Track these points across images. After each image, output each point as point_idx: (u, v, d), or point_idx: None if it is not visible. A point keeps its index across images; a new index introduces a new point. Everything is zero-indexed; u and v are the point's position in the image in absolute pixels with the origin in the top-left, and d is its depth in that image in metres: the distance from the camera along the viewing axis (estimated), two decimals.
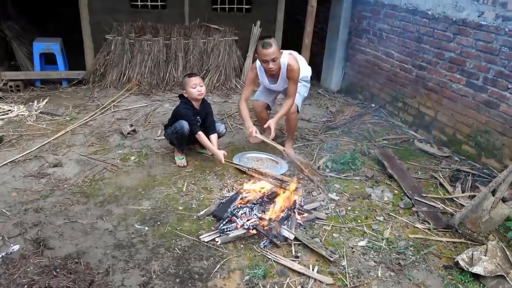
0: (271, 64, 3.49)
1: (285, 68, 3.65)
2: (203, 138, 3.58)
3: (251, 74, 3.81)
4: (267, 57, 3.46)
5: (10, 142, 3.89)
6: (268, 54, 3.44)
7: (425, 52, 4.59)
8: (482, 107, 3.95)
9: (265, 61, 3.50)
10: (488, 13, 3.80)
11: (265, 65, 3.54)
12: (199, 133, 3.57)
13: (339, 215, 3.12)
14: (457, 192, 3.52)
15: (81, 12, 5.39)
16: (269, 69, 3.54)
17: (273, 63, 3.49)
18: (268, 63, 3.49)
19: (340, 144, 4.38)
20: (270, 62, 3.48)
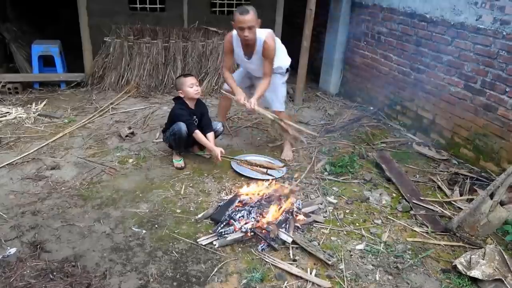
0: (246, 32, 3.35)
1: (261, 46, 3.52)
2: (200, 136, 3.59)
3: (227, 44, 3.69)
4: (243, 24, 3.32)
5: (7, 145, 3.88)
6: (244, 21, 3.31)
7: (423, 55, 4.59)
8: (480, 110, 3.96)
9: (241, 29, 3.35)
10: (486, 17, 3.81)
11: (241, 33, 3.39)
12: (196, 131, 3.58)
13: (337, 218, 3.12)
14: (455, 195, 3.52)
15: (80, 14, 5.39)
16: (244, 37, 3.40)
17: (249, 31, 3.35)
18: (244, 30, 3.34)
19: (338, 147, 4.38)
20: (246, 30, 3.34)
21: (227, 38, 3.66)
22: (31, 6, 6.96)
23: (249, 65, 3.78)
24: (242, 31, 3.37)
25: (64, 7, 6.74)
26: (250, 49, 3.59)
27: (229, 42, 3.65)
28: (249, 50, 3.61)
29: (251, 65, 3.74)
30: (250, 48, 3.59)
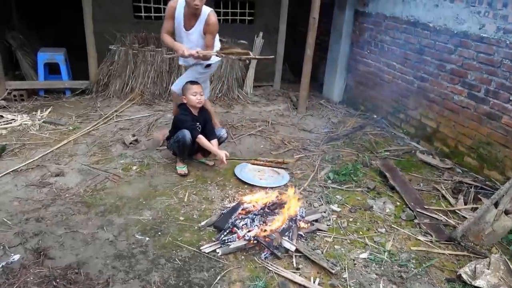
0: (198, 1, 3.46)
1: (204, 19, 3.64)
2: (203, 140, 3.61)
3: (170, 9, 3.70)
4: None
5: (13, 151, 3.91)
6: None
7: (426, 63, 4.60)
8: (484, 119, 3.95)
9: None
10: (489, 26, 3.82)
11: (192, 1, 3.46)
12: (199, 136, 3.60)
13: (341, 227, 3.11)
14: (460, 204, 3.50)
15: (85, 21, 5.44)
16: (194, 5, 3.49)
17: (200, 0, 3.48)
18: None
19: (341, 155, 4.38)
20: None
21: (171, 4, 3.67)
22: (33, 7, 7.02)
23: (187, 37, 3.76)
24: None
25: (64, 7, 6.77)
26: (193, 20, 3.66)
27: (173, 8, 3.67)
28: (191, 22, 3.67)
29: (189, 36, 3.74)
30: (193, 19, 3.65)
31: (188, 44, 3.71)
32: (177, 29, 3.77)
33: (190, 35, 3.74)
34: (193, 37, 3.74)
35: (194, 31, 3.71)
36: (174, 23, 3.72)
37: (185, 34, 3.75)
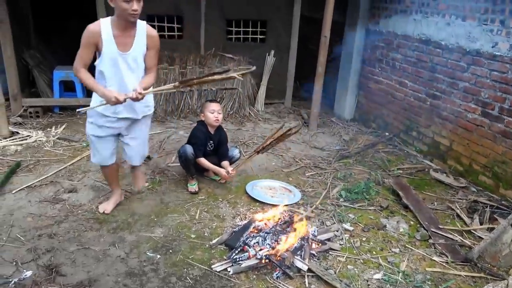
0: (135, 4, 2.62)
1: (144, 31, 2.81)
2: (203, 161, 3.66)
3: (90, 34, 2.70)
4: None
5: (27, 167, 3.96)
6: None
7: (438, 81, 4.59)
8: (498, 137, 3.90)
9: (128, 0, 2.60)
10: (502, 44, 3.81)
11: (127, 6, 2.61)
12: (200, 159, 3.64)
13: (354, 246, 3.06)
14: (475, 224, 3.43)
15: None
16: (132, 12, 2.63)
17: (138, 3, 2.64)
18: (133, 1, 2.61)
19: (354, 173, 4.34)
20: (135, 1, 2.62)
21: (92, 28, 2.69)
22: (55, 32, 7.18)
23: (124, 63, 2.80)
24: (129, 3, 2.60)
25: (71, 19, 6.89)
26: (130, 37, 2.77)
27: (95, 32, 2.69)
28: (127, 40, 2.77)
29: (128, 59, 2.79)
30: (129, 36, 2.76)
31: (128, 72, 2.82)
32: (105, 57, 2.76)
33: (129, 57, 2.79)
34: (134, 59, 2.82)
35: (135, 50, 2.79)
36: (93, 52, 2.76)
37: (122, 59, 2.77)
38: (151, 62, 2.91)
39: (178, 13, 5.80)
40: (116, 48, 2.72)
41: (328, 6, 5.10)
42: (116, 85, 2.81)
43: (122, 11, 2.61)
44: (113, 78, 2.82)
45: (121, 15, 2.63)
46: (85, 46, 2.70)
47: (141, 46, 2.81)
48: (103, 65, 2.77)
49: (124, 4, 2.57)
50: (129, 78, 2.83)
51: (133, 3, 2.57)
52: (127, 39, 2.75)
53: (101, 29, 2.67)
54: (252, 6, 6.01)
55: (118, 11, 2.63)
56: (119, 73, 2.80)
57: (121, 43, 2.73)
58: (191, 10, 5.82)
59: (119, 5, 2.58)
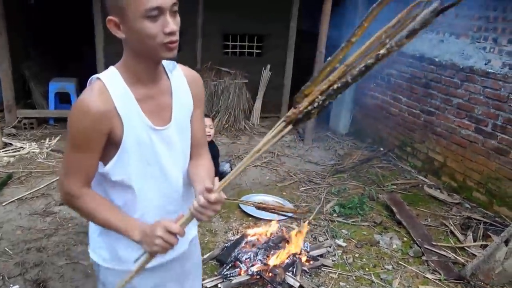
0: (171, 21, 1.15)
1: (183, 78, 1.38)
2: None
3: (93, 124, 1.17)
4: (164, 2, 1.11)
5: (19, 179, 3.93)
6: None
7: (433, 97, 4.61)
8: (492, 153, 3.91)
9: (155, 15, 1.11)
10: (494, 61, 3.84)
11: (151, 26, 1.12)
12: None
13: (346, 263, 3.03)
14: (469, 241, 3.41)
15: (97, 55, 5.59)
16: (169, 37, 1.15)
17: (174, 19, 1.17)
18: (165, 14, 1.13)
19: (348, 188, 4.33)
20: (168, 13, 1.14)
21: (95, 105, 1.17)
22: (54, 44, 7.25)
23: (163, 144, 1.32)
24: (156, 20, 1.12)
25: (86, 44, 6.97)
26: (161, 95, 1.31)
27: (105, 113, 1.18)
28: (160, 100, 1.31)
29: (168, 136, 1.33)
30: (160, 92, 1.31)
31: (170, 161, 1.34)
32: (129, 151, 1.26)
33: (171, 132, 1.33)
34: (180, 133, 1.37)
35: (178, 116, 1.34)
36: (101, 151, 1.24)
37: (160, 140, 1.30)
38: (200, 131, 1.47)
39: None
40: (147, 122, 1.25)
41: (323, 21, 5.15)
42: (156, 198, 1.35)
43: (145, 43, 1.14)
44: (146, 187, 1.32)
45: (145, 50, 1.17)
46: (85, 146, 1.20)
47: (186, 106, 1.36)
48: (125, 168, 1.26)
49: (148, 25, 1.11)
50: (175, 174, 1.36)
51: (166, 20, 1.13)
52: (160, 99, 1.29)
53: (113, 98, 1.19)
54: (248, 21, 6.06)
55: (136, 44, 1.17)
56: (157, 171, 1.32)
57: (153, 111, 1.27)
58: (188, 24, 5.87)
59: (139, 30, 1.12)
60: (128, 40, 1.16)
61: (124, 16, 1.11)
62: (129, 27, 1.12)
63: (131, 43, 1.17)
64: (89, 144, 1.18)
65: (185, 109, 1.35)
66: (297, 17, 6.20)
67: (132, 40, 1.15)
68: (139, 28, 1.10)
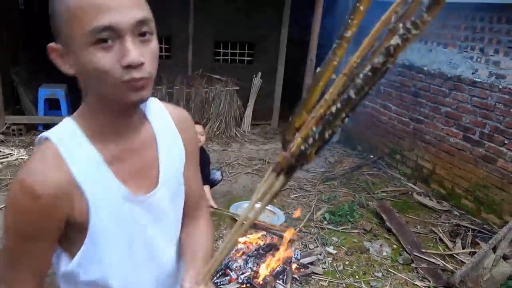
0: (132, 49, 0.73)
1: (169, 121, 0.98)
2: None
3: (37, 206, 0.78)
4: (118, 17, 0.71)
5: (6, 186, 3.88)
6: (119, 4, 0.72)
7: (422, 106, 4.67)
8: (480, 161, 3.96)
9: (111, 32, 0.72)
10: (482, 71, 3.91)
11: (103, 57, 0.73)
12: None
13: (337, 270, 3.04)
14: (457, 248, 3.45)
15: None
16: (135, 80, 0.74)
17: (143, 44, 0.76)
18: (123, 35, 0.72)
19: (338, 195, 4.35)
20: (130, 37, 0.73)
21: (32, 182, 0.77)
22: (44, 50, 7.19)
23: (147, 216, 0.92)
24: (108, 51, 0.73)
25: None
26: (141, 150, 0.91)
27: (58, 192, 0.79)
28: (141, 156, 0.91)
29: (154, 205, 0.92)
30: (140, 146, 0.90)
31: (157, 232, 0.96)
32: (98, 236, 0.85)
33: (157, 199, 0.92)
34: (168, 199, 0.96)
35: (168, 176, 0.95)
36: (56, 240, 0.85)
37: (142, 213, 0.91)
38: (198, 188, 1.13)
39: (166, 33, 5.85)
40: (124, 191, 0.87)
41: (314, 30, 5.21)
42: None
43: (98, 81, 0.76)
44: (131, 280, 0.95)
45: (104, 92, 0.78)
46: (33, 236, 0.82)
47: (178, 159, 1.00)
48: (99, 262, 0.88)
49: (97, 55, 0.73)
50: (167, 254, 1.02)
51: (124, 48, 0.73)
52: (141, 156, 0.91)
53: (71, 167, 0.81)
54: (240, 28, 6.10)
55: (90, 84, 0.81)
56: (144, 255, 0.95)
57: (132, 173, 0.90)
58: (180, 30, 5.88)
59: (85, 63, 0.75)
60: (79, 78, 0.82)
61: (68, 42, 0.75)
62: (75, 59, 0.76)
63: (85, 83, 0.82)
64: (39, 235, 0.81)
65: (176, 163, 0.97)
66: (288, 25, 6.25)
67: (83, 78, 0.81)
68: (86, 61, 0.73)
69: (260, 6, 6.06)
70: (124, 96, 0.77)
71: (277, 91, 6.50)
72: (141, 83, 0.76)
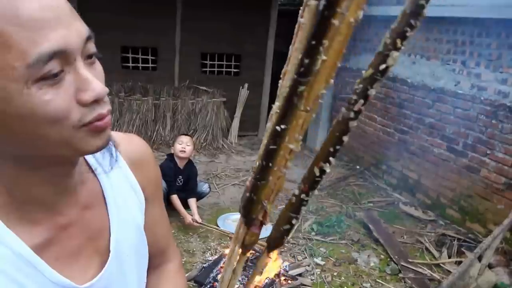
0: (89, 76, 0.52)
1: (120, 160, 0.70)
2: (176, 201, 3.53)
3: None
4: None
5: None
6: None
7: (406, 117, 4.75)
8: (463, 171, 4.03)
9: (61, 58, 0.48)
10: (463, 83, 4.01)
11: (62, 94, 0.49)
12: (173, 196, 3.52)
13: (325, 281, 3.03)
14: (444, 257, 3.48)
15: None
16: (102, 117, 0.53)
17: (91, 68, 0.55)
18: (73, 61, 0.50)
19: (325, 206, 4.36)
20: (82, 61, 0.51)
21: None
22: None
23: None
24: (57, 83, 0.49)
25: None
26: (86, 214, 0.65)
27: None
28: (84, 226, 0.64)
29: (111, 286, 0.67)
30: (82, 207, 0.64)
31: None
32: None
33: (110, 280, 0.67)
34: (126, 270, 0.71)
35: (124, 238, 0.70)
36: None
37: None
38: (165, 233, 0.90)
39: (153, 45, 5.85)
40: (62, 281, 0.59)
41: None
42: None
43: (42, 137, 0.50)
44: None
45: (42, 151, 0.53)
46: None
47: (135, 213, 0.73)
48: None
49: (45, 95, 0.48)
50: None
51: (81, 76, 0.51)
52: (84, 223, 0.65)
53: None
54: (226, 40, 6.13)
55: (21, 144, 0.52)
56: None
57: (72, 252, 0.63)
58: (166, 42, 5.88)
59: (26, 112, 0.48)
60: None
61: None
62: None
63: (9, 144, 0.52)
64: None
65: (134, 219, 0.73)
66: (274, 37, 6.32)
67: (8, 138, 0.51)
68: (25, 108, 0.48)
69: (246, 18, 6.12)
70: (83, 145, 0.53)
71: (263, 102, 6.53)
72: (107, 120, 0.54)
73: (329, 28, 0.38)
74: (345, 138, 0.45)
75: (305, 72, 0.40)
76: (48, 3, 0.47)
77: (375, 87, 0.42)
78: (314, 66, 0.40)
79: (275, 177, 0.51)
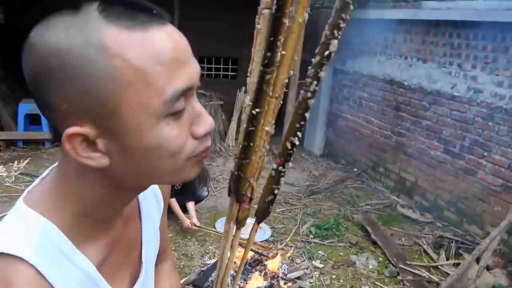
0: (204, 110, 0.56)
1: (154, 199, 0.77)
2: (173, 204, 3.53)
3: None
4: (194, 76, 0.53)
5: None
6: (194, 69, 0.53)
7: (403, 119, 4.77)
8: (461, 173, 4.05)
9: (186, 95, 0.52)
10: (460, 85, 4.03)
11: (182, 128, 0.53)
12: (172, 200, 3.51)
13: (324, 284, 3.03)
14: (442, 259, 3.49)
15: None
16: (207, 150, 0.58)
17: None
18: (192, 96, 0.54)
19: (323, 208, 4.37)
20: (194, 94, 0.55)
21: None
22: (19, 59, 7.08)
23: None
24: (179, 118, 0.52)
25: None
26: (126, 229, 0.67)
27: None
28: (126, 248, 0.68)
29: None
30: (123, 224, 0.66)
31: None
32: None
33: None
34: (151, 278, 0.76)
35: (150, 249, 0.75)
36: None
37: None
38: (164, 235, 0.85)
39: None
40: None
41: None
42: None
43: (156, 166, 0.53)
44: None
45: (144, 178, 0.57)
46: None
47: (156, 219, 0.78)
48: None
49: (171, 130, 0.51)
50: None
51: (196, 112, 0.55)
52: (125, 238, 0.67)
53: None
54: (223, 44, 6.14)
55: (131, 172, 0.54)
56: None
57: (118, 268, 0.67)
58: None
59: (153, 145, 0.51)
60: (113, 167, 0.53)
61: (113, 121, 0.49)
62: (121, 143, 0.51)
63: (119, 171, 0.54)
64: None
65: (155, 224, 0.77)
66: None
67: (125, 166, 0.53)
68: (150, 141, 0.50)
69: (243, 21, 6.13)
70: (187, 173, 0.57)
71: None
72: (208, 151, 0.58)
73: (281, 26, 0.49)
74: (307, 114, 0.58)
75: (268, 64, 0.50)
76: (180, 42, 0.51)
77: (324, 70, 0.54)
78: (276, 58, 0.50)
79: (257, 157, 0.59)
